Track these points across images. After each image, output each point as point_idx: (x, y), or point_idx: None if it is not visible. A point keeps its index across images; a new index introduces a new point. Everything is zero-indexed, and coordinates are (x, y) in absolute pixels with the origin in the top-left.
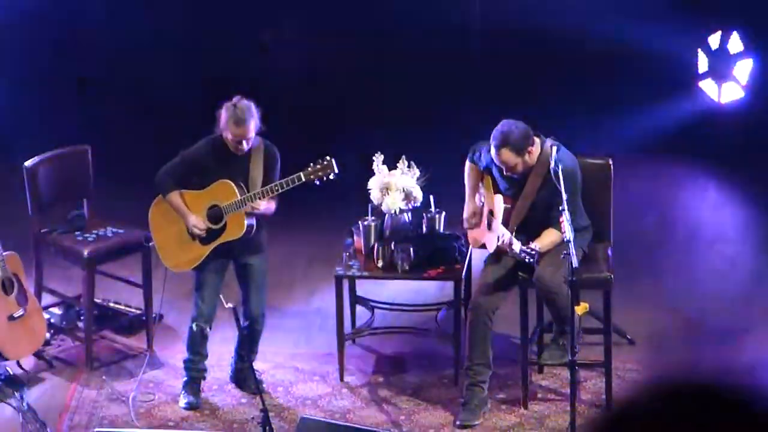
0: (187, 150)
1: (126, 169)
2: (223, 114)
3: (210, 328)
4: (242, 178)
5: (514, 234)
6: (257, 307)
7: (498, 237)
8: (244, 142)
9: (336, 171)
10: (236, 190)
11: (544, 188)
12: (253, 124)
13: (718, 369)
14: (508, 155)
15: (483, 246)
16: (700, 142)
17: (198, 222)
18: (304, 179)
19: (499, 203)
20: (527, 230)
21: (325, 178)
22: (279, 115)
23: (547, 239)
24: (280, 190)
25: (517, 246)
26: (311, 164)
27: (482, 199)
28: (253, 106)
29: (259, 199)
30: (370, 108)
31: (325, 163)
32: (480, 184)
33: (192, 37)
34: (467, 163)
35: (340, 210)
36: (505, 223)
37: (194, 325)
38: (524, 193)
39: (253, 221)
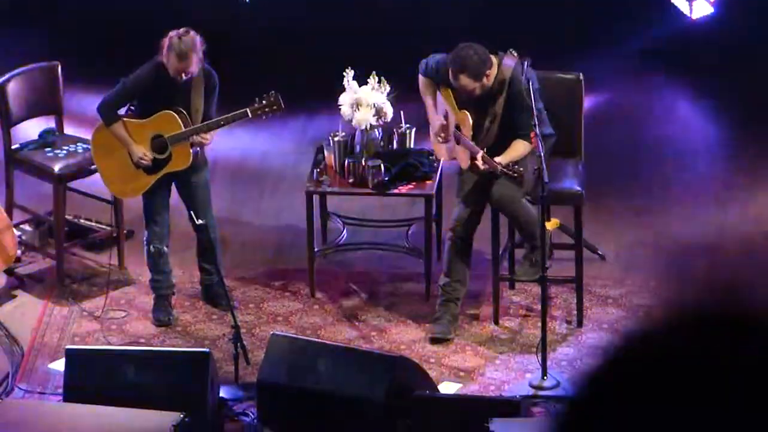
0: (128, 77)
1: (97, 85)
2: (167, 43)
3: (167, 247)
4: (183, 105)
5: (485, 151)
6: (208, 219)
7: (471, 154)
8: (184, 74)
9: (282, 107)
10: (180, 122)
11: (510, 105)
12: (196, 59)
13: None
14: (465, 80)
15: (454, 158)
16: (671, 57)
17: (144, 153)
18: (250, 115)
19: (467, 119)
20: (495, 146)
21: (271, 114)
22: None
23: (515, 152)
24: (225, 125)
25: (493, 163)
26: (257, 99)
27: (446, 112)
28: (198, 39)
29: (204, 132)
30: (339, 23)
31: (272, 99)
32: (438, 96)
33: None
34: (421, 78)
35: (310, 125)
36: (474, 138)
37: (151, 247)
38: (490, 111)
39: (197, 149)
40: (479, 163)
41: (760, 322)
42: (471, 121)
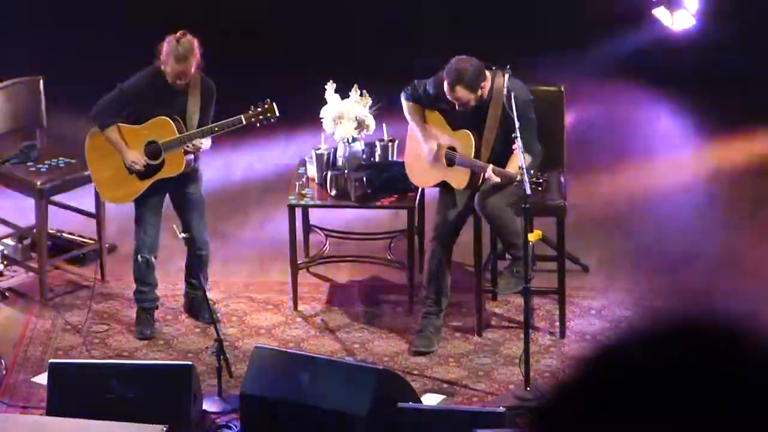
0: (125, 82)
1: (79, 99)
2: (165, 47)
3: (155, 258)
4: (179, 113)
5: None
6: (200, 233)
7: (475, 172)
8: (182, 78)
9: (277, 114)
10: (174, 128)
11: (505, 118)
12: (194, 62)
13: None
14: (462, 92)
15: (439, 184)
16: (654, 68)
17: (137, 158)
18: (244, 122)
19: (469, 138)
20: (492, 161)
21: (266, 122)
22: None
23: (515, 166)
24: (219, 131)
25: (510, 173)
26: (252, 107)
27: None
28: (196, 43)
29: (199, 138)
30: (322, 36)
31: (266, 106)
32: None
33: None
34: (407, 103)
35: (293, 139)
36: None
37: (139, 257)
38: (488, 125)
39: (191, 157)
40: (493, 176)
41: (736, 331)
42: (473, 139)
